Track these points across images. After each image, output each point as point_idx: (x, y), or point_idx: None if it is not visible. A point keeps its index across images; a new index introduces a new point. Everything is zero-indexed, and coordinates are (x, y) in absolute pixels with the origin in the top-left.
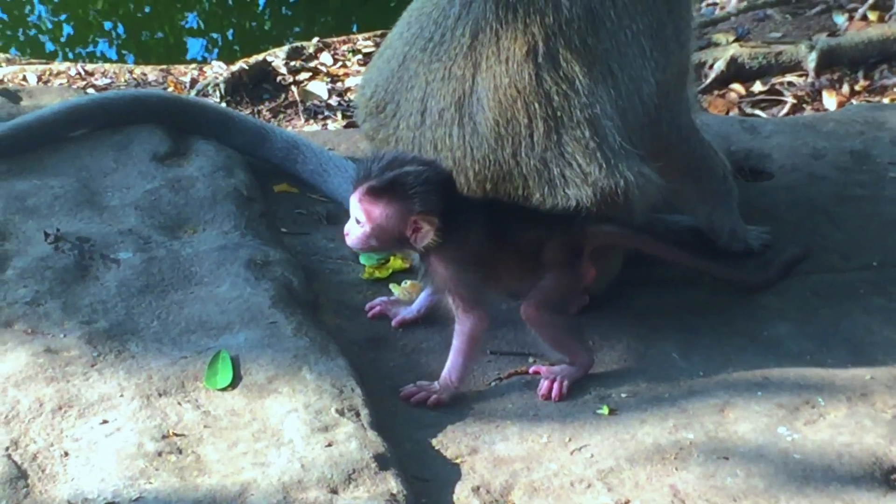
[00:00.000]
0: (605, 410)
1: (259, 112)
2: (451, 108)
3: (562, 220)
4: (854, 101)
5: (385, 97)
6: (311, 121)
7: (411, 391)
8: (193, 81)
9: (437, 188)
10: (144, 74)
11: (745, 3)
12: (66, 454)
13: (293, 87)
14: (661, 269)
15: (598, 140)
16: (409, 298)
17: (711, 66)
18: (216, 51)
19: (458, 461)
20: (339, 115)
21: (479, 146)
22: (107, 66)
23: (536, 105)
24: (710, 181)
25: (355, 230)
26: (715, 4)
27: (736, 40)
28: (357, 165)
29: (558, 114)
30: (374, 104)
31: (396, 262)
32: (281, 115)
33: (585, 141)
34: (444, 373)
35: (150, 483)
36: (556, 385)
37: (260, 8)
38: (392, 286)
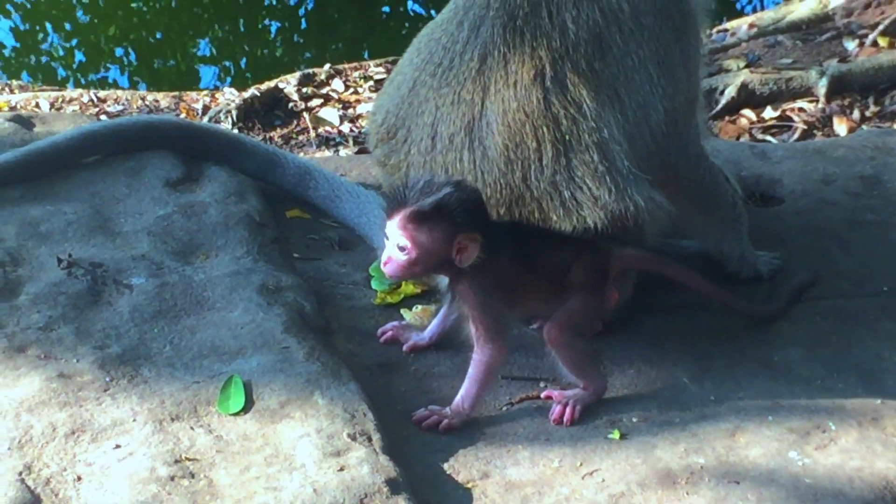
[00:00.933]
0: (616, 435)
1: (271, 139)
2: (461, 133)
3: (588, 242)
4: (864, 127)
5: (396, 123)
6: (323, 147)
7: (423, 415)
8: (206, 108)
9: (475, 207)
10: (157, 101)
11: (755, 30)
12: (79, 479)
13: (305, 114)
14: (672, 295)
15: (606, 164)
16: (420, 323)
17: (722, 92)
18: (228, 78)
19: (469, 486)
20: (350, 141)
21: (489, 170)
22: (119, 92)
23: (545, 129)
24: (720, 208)
25: (397, 258)
26: (726, 31)
27: (746, 66)
28: (388, 194)
29: (567, 137)
30: (385, 130)
31: (408, 288)
32: (293, 142)
33: (594, 165)
34: (458, 399)
35: None
36: (568, 409)
37: (272, 35)
38: (403, 311)
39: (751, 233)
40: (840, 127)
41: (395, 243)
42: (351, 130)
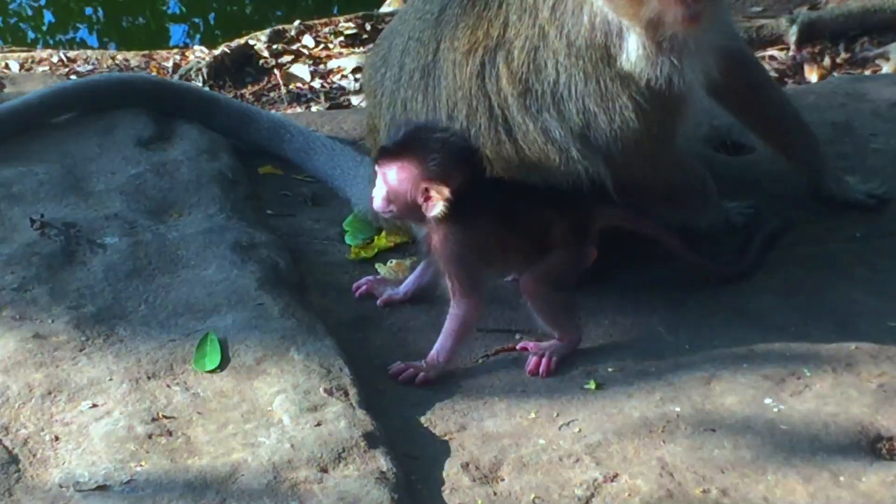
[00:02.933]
0: (592, 385)
1: (242, 96)
2: (419, 73)
3: (572, 200)
4: (835, 74)
5: (384, 48)
6: (295, 103)
7: (399, 369)
8: (176, 66)
9: (452, 158)
10: (127, 60)
11: None
12: (57, 438)
13: (276, 71)
14: (646, 246)
15: (544, 137)
16: (395, 278)
17: None
18: (198, 36)
19: (446, 438)
20: (322, 97)
21: (438, 118)
22: (89, 52)
23: (476, 102)
24: (688, 199)
25: (378, 193)
26: None
27: None
28: (390, 129)
29: (497, 116)
30: (379, 56)
31: (381, 242)
32: (264, 99)
33: (532, 136)
34: (433, 352)
35: (141, 465)
36: (544, 361)
37: None
38: (378, 266)
39: (723, 182)
40: (811, 75)
41: (378, 178)
42: (322, 86)
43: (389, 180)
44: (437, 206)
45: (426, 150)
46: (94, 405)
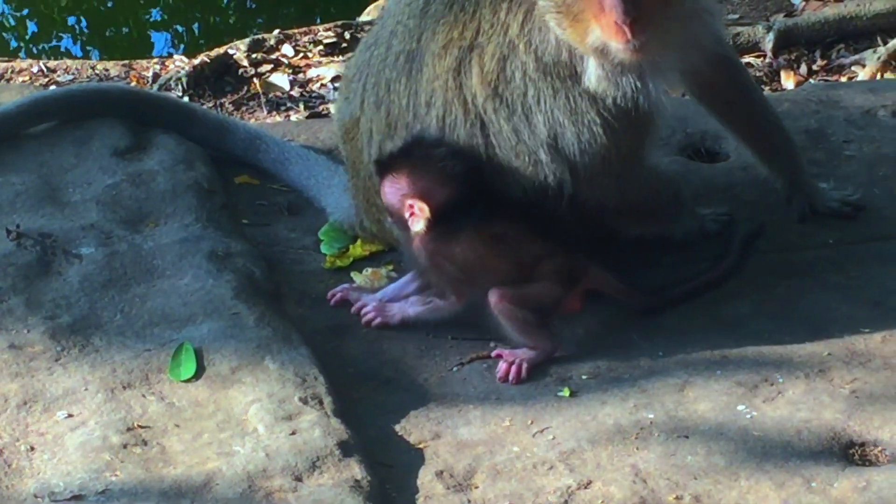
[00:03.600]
0: (566, 392)
1: (222, 105)
2: (404, 57)
3: (570, 245)
4: (812, 81)
5: (378, 27)
6: (274, 112)
7: (358, 308)
8: (156, 76)
9: (441, 175)
10: (107, 70)
11: None
12: (32, 448)
13: (255, 80)
14: (621, 253)
15: (516, 140)
16: (371, 286)
17: None
18: (182, 45)
19: (421, 446)
20: (301, 106)
21: (416, 104)
22: (69, 62)
23: (452, 94)
24: (660, 212)
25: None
26: None
27: None
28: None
29: (471, 111)
30: (372, 34)
31: (357, 251)
32: (243, 108)
33: (507, 137)
34: (405, 302)
35: (116, 475)
36: (513, 368)
37: (224, 1)
38: (353, 274)
39: (697, 190)
40: (787, 82)
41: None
42: (301, 95)
43: (382, 192)
44: (419, 223)
45: (416, 166)
46: (70, 415)
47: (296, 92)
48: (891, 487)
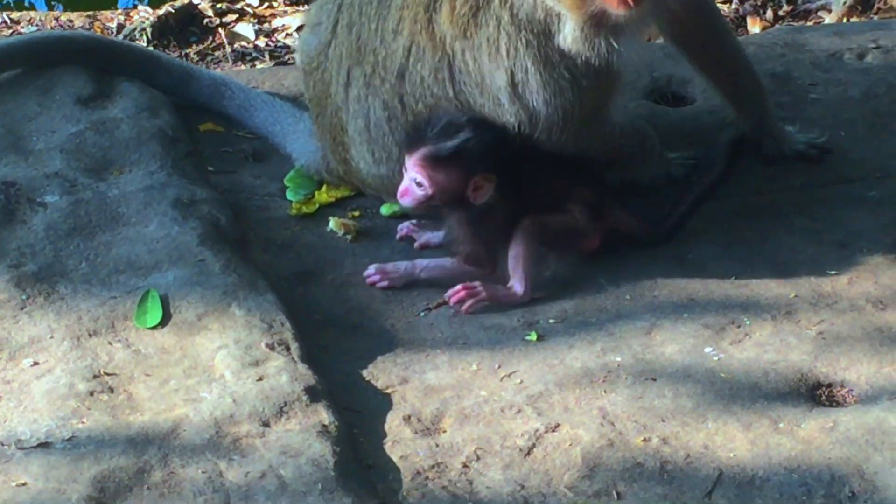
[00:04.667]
0: (533, 337)
1: (187, 55)
2: (375, 4)
3: (594, 177)
4: (778, 26)
5: None
6: (240, 63)
7: (370, 273)
8: (120, 27)
9: (494, 148)
10: (71, 21)
11: None
12: None
13: (220, 30)
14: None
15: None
16: (341, 234)
17: None
18: None
19: (388, 391)
20: (266, 56)
21: (383, 29)
22: (32, 14)
23: (420, 26)
24: (626, 159)
25: (414, 192)
26: None
27: None
28: (409, 129)
29: (438, 46)
30: None
31: (322, 197)
32: (209, 58)
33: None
34: (421, 262)
35: (83, 422)
36: (470, 295)
37: None
38: (331, 219)
39: (662, 134)
40: (754, 27)
41: (413, 179)
42: (267, 45)
43: (439, 182)
44: (487, 194)
45: (473, 149)
46: (36, 363)
47: (261, 42)
48: (857, 427)
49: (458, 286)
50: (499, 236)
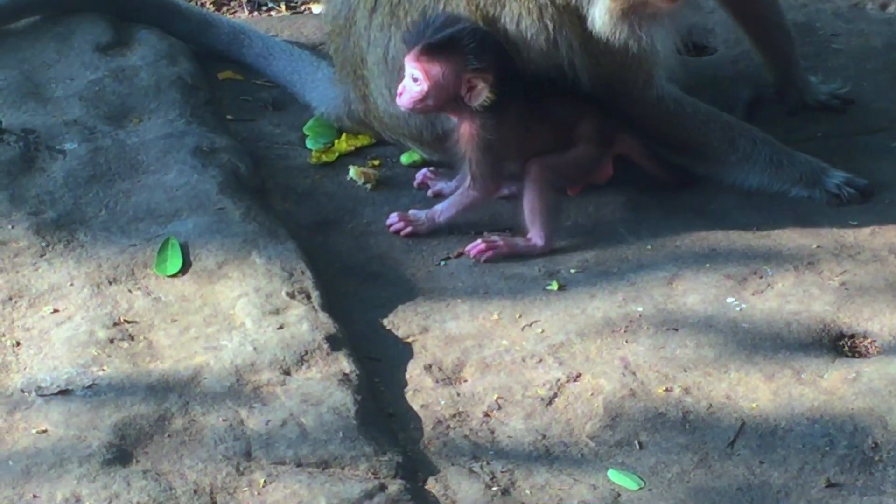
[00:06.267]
0: (554, 286)
1: (203, 4)
2: None
3: (603, 108)
4: None
5: None
6: (255, 12)
7: (393, 221)
8: None
9: (490, 48)
10: None
11: None
12: (18, 344)
13: None
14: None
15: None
16: (361, 183)
17: None
18: None
19: (409, 340)
20: (282, 5)
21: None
22: None
23: None
24: (711, 151)
25: (411, 89)
26: None
27: None
28: (411, 27)
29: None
30: None
31: (342, 145)
32: (224, 8)
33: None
34: (435, 209)
35: (103, 370)
36: (489, 247)
37: None
38: (351, 168)
39: (685, 83)
40: None
41: (410, 74)
42: None
43: (433, 75)
44: (481, 95)
45: (466, 42)
46: (56, 310)
47: None
48: (880, 378)
49: (478, 240)
50: (506, 155)
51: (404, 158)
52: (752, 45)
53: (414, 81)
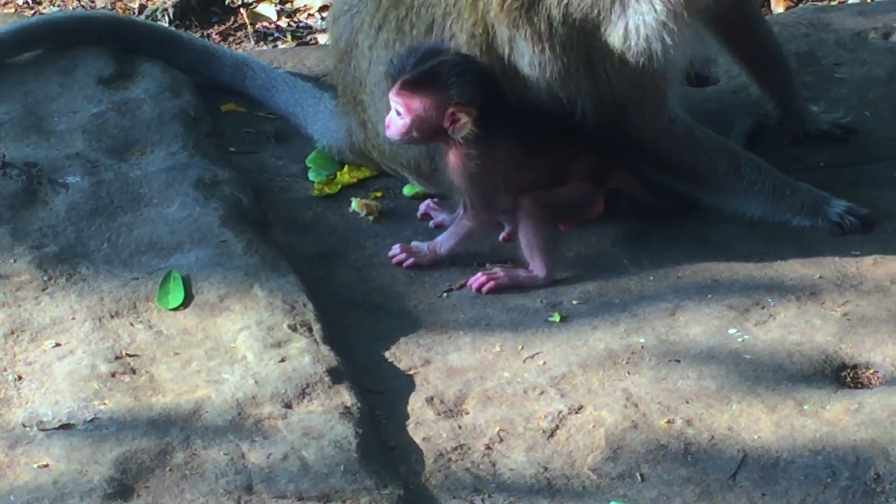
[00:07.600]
0: (556, 318)
1: (208, 36)
2: None
3: (595, 143)
4: (801, 5)
5: None
6: (261, 43)
7: (395, 253)
8: (142, 7)
9: (474, 80)
10: (92, 1)
11: None
12: (20, 378)
13: (242, 10)
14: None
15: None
16: (363, 215)
17: None
18: None
19: (411, 372)
20: (288, 36)
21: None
22: None
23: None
24: (715, 178)
25: (396, 122)
26: None
27: None
28: (393, 59)
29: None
30: None
31: (344, 178)
32: (230, 39)
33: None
34: (438, 239)
35: (105, 404)
36: (490, 279)
37: None
38: (353, 200)
39: (687, 114)
40: (777, 7)
41: (394, 108)
42: (289, 25)
43: (414, 110)
44: (464, 128)
45: (447, 75)
46: (58, 344)
47: (283, 22)
48: (883, 409)
49: (480, 273)
50: (495, 186)
51: (407, 190)
52: (749, 77)
53: (398, 115)
